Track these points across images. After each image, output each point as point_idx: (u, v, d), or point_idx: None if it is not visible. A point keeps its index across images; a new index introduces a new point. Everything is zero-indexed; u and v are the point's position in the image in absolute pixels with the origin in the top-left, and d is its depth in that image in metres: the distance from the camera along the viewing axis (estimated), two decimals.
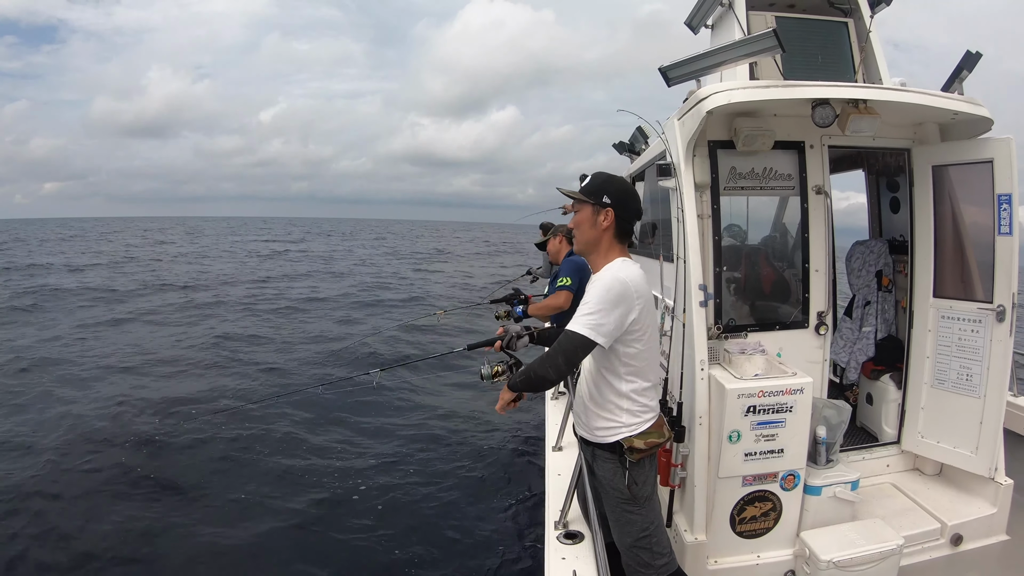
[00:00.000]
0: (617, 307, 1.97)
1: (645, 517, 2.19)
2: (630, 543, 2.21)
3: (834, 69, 3.41)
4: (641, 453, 2.13)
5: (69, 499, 4.95)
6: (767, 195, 3.20)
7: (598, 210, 2.13)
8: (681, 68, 2.87)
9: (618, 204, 2.13)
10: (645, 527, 2.19)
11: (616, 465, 2.16)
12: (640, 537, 2.19)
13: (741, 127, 2.95)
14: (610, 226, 2.13)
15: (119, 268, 25.17)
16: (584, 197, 2.17)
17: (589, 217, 2.14)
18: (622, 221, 2.14)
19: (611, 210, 2.12)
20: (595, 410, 2.19)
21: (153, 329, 12.50)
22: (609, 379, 2.14)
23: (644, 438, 2.14)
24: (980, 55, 3.16)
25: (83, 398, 7.64)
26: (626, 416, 2.14)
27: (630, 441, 2.12)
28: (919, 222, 3.36)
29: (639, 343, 2.07)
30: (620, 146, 4.91)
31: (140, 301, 16.11)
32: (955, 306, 3.20)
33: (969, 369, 3.13)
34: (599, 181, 2.22)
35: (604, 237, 2.14)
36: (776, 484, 2.76)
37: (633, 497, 2.17)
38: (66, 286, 18.48)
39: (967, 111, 2.98)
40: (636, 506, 2.18)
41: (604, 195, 2.13)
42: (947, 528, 2.96)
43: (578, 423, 2.35)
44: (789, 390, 2.69)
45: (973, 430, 3.08)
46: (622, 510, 2.19)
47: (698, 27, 3.67)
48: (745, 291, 3.25)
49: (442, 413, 7.45)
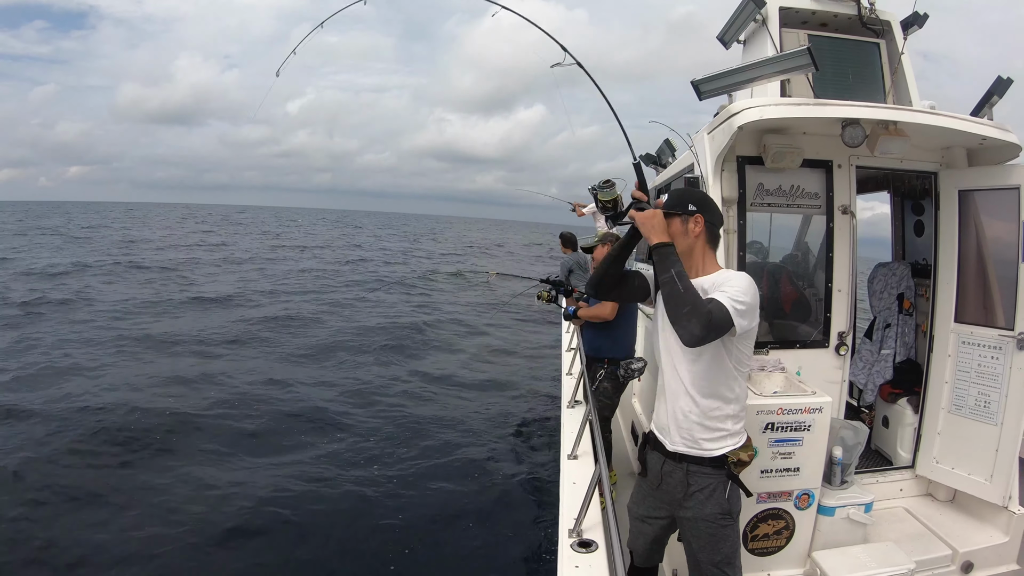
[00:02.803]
0: (753, 308, 1.96)
1: (736, 531, 2.18)
2: (719, 560, 2.16)
3: (864, 89, 3.40)
4: (744, 466, 2.12)
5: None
6: (793, 212, 3.20)
7: (687, 219, 2.12)
8: (714, 82, 2.88)
9: (704, 209, 2.13)
10: (734, 543, 2.17)
11: (719, 480, 2.12)
12: (731, 552, 2.16)
13: (771, 144, 2.95)
14: (702, 231, 2.12)
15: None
16: (671, 211, 2.15)
17: (680, 228, 2.13)
18: (711, 226, 2.14)
19: (700, 216, 2.11)
20: (703, 422, 2.11)
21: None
22: (718, 388, 2.08)
23: (746, 450, 2.13)
24: (1011, 81, 3.15)
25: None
26: (732, 424, 2.10)
27: (736, 454, 2.10)
28: (943, 246, 3.35)
29: (748, 351, 2.07)
30: (646, 158, 4.89)
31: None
32: (976, 332, 3.18)
33: (987, 396, 3.11)
34: (678, 192, 2.24)
35: (698, 244, 2.13)
36: (790, 503, 2.75)
37: (731, 511, 2.14)
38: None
39: (996, 137, 2.97)
40: (731, 520, 2.15)
41: (689, 203, 2.14)
42: (958, 555, 2.94)
43: (670, 439, 2.20)
44: (808, 408, 2.68)
45: (988, 457, 3.06)
46: (718, 525, 2.13)
47: (730, 42, 3.68)
48: (766, 308, 3.24)
49: (454, 417, 7.47)
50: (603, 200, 2.39)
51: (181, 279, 18.36)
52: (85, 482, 5.14)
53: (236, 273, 20.71)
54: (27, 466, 5.29)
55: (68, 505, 4.75)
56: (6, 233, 34.97)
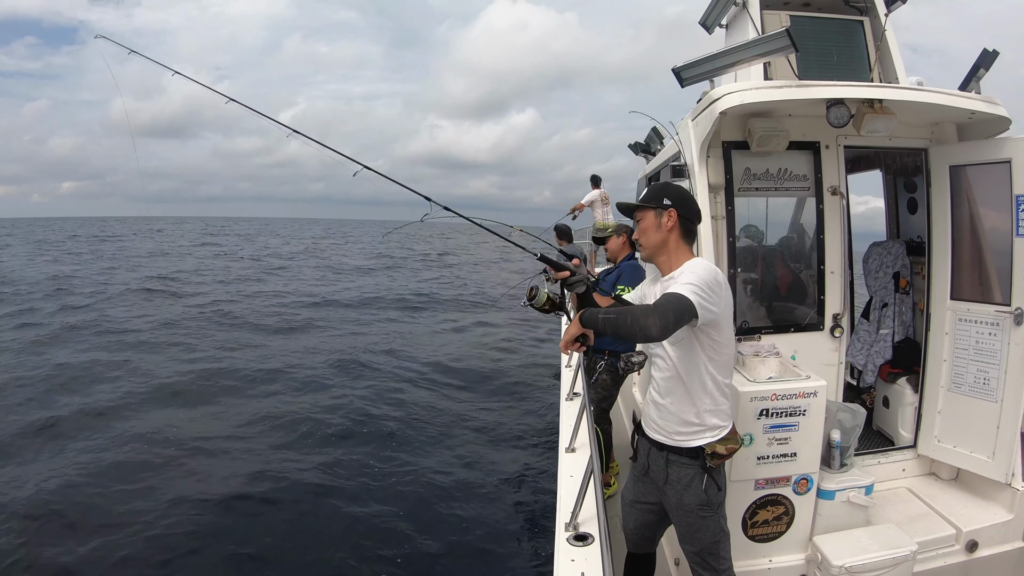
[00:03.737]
0: (714, 291, 1.96)
1: (716, 522, 2.19)
2: (699, 549, 2.20)
3: (849, 68, 3.37)
4: (721, 459, 2.13)
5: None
6: (782, 196, 3.18)
7: (660, 212, 2.15)
8: (694, 68, 2.86)
9: (679, 204, 2.15)
10: (716, 532, 2.19)
11: (695, 470, 2.15)
12: (711, 542, 2.18)
13: (755, 128, 2.93)
14: (674, 226, 2.14)
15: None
16: (645, 204, 2.19)
17: (653, 222, 2.16)
18: (685, 220, 2.15)
19: (673, 210, 2.13)
20: (677, 413, 2.16)
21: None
22: (691, 381, 2.10)
23: (725, 444, 2.14)
24: (997, 53, 3.11)
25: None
26: (711, 417, 2.12)
27: (713, 447, 2.12)
28: (936, 223, 3.31)
29: (723, 335, 2.07)
30: (636, 147, 4.90)
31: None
32: (972, 309, 3.15)
33: (986, 373, 3.08)
34: (656, 187, 2.27)
35: (670, 238, 2.15)
36: (789, 488, 2.74)
37: (709, 502, 2.16)
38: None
39: (985, 110, 2.94)
40: (711, 511, 2.17)
41: (664, 197, 2.16)
42: (962, 534, 2.92)
43: (651, 427, 2.29)
44: (803, 393, 2.67)
45: (990, 435, 3.04)
46: (697, 515, 2.17)
47: (712, 27, 3.64)
48: (760, 293, 3.22)
49: (454, 414, 7.49)
50: (537, 307, 2.41)
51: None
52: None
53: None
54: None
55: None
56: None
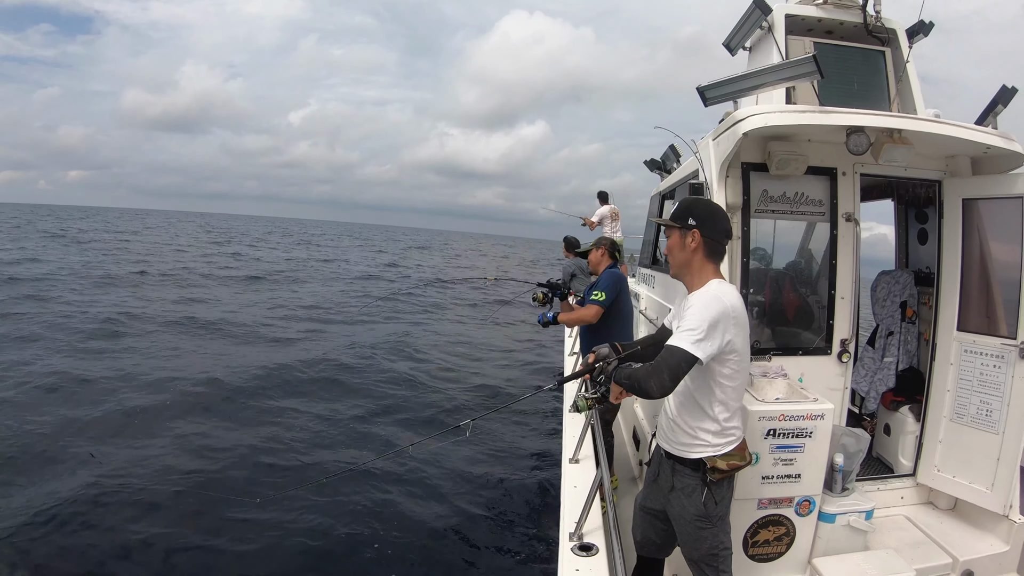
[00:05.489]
0: (716, 326, 1.98)
1: (716, 536, 2.21)
2: (696, 558, 2.25)
3: (869, 97, 3.41)
4: (722, 474, 2.15)
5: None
6: (797, 219, 3.21)
7: (685, 232, 2.16)
8: (719, 89, 2.89)
9: (703, 224, 2.15)
10: (714, 545, 2.21)
11: (697, 482, 2.18)
12: (708, 554, 2.21)
13: (775, 151, 2.96)
14: (698, 247, 2.14)
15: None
16: (671, 223, 2.21)
17: (678, 241, 2.18)
18: (710, 241, 2.15)
19: (696, 231, 2.14)
20: (681, 426, 2.21)
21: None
22: (698, 399, 2.15)
23: (727, 459, 2.16)
24: (1016, 90, 3.15)
25: None
26: (711, 436, 2.15)
27: (713, 461, 2.15)
28: (946, 255, 3.35)
29: (733, 365, 2.09)
30: (651, 163, 4.92)
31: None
32: (978, 341, 3.18)
33: (989, 404, 3.11)
34: (684, 205, 2.27)
35: (695, 259, 2.16)
36: (791, 509, 2.75)
37: (707, 515, 2.18)
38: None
39: (1000, 146, 2.97)
40: (708, 524, 2.19)
41: (689, 217, 2.17)
42: (958, 563, 2.94)
43: (660, 435, 2.36)
44: (810, 415, 2.68)
45: (990, 466, 3.06)
46: (695, 526, 2.20)
47: (736, 49, 3.69)
48: (769, 315, 3.25)
49: (456, 419, 7.42)
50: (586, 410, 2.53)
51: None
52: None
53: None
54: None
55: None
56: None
